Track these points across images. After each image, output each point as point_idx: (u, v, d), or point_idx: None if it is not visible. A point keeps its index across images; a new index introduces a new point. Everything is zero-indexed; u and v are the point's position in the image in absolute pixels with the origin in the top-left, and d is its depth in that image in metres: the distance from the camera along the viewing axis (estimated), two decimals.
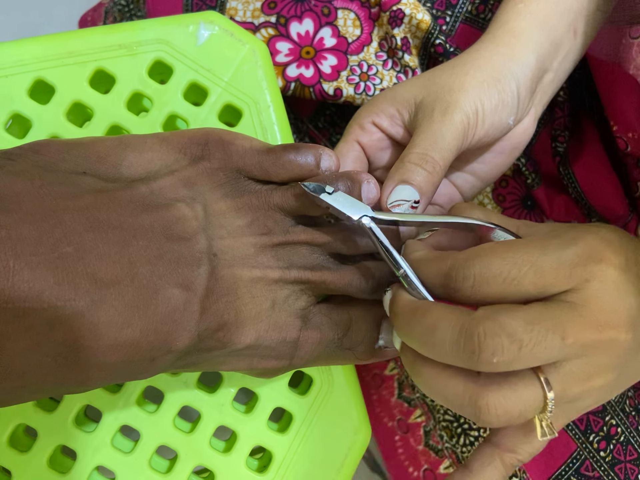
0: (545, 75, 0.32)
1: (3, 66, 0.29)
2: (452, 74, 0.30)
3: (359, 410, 0.31)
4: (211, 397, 0.30)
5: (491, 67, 0.30)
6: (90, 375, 0.22)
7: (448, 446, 0.39)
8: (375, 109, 0.31)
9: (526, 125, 0.32)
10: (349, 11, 0.38)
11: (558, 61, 0.32)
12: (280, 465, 0.30)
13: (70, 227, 0.21)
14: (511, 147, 0.33)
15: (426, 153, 0.27)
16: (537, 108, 0.33)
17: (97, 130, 0.30)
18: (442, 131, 0.28)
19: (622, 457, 0.38)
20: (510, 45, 0.31)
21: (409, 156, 0.27)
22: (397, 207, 0.27)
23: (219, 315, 0.25)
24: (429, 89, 0.30)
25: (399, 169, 0.27)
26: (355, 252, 0.27)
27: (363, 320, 0.28)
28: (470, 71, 0.30)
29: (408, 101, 0.30)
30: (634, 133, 0.34)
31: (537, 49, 0.31)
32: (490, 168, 0.33)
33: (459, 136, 0.28)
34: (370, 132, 0.31)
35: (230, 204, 0.26)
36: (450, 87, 0.29)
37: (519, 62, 0.30)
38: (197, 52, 0.31)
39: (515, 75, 0.30)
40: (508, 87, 0.29)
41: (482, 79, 0.29)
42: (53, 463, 0.29)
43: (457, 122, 0.28)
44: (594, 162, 0.38)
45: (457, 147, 0.28)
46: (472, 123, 0.28)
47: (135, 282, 0.22)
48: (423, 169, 0.27)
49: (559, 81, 0.34)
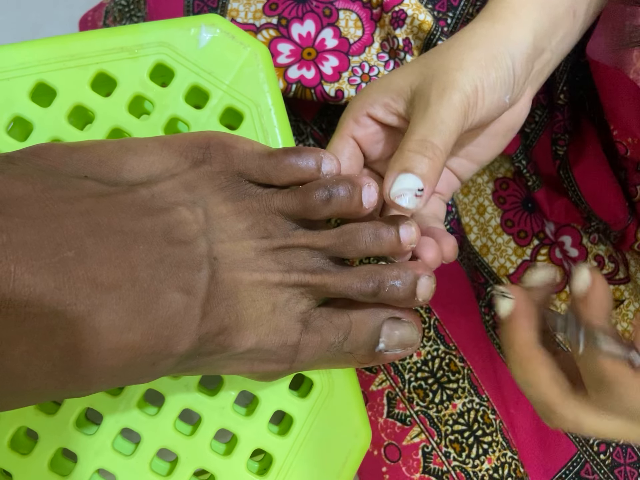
0: (543, 55, 0.31)
1: (4, 69, 0.29)
2: (447, 55, 0.29)
3: (359, 413, 0.31)
4: (212, 400, 0.30)
5: (487, 44, 0.29)
6: (91, 379, 0.22)
7: (456, 464, 0.37)
8: (369, 99, 0.30)
9: (521, 105, 0.32)
10: (350, 12, 0.38)
11: (556, 41, 0.32)
12: (281, 468, 0.30)
13: (71, 231, 0.21)
14: (506, 128, 0.32)
15: (425, 139, 0.26)
16: (533, 88, 0.32)
17: (98, 133, 0.30)
18: (440, 113, 0.27)
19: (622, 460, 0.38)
20: (507, 22, 0.30)
21: (408, 144, 0.26)
22: (400, 197, 0.26)
23: (220, 319, 0.25)
24: (424, 74, 0.29)
25: (399, 159, 0.26)
26: (356, 255, 0.27)
27: (363, 323, 0.28)
28: (467, 50, 0.29)
29: (403, 89, 0.29)
30: (634, 138, 0.34)
31: (535, 26, 0.30)
32: (486, 151, 0.32)
33: (460, 117, 0.27)
34: (365, 125, 0.30)
35: (231, 208, 0.26)
36: (447, 68, 0.28)
37: (516, 39, 0.29)
38: (199, 55, 0.31)
39: (511, 53, 0.29)
40: (504, 63, 0.29)
41: (479, 57, 0.28)
42: (54, 466, 0.29)
43: (456, 103, 0.27)
44: (594, 166, 0.38)
45: (458, 129, 0.27)
46: (473, 102, 0.28)
47: (136, 286, 0.22)
48: (423, 156, 0.26)
49: (555, 62, 0.33)
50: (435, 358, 0.39)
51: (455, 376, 0.38)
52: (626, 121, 0.34)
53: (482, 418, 0.38)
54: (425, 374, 0.38)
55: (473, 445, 0.37)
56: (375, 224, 0.27)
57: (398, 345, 0.28)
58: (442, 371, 0.38)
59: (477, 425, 0.38)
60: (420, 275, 0.27)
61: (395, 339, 0.28)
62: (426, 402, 0.38)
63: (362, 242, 0.26)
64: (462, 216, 0.43)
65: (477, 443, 0.37)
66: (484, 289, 0.42)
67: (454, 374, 0.38)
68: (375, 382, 0.39)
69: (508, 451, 0.37)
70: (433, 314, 0.39)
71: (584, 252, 0.42)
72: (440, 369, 0.38)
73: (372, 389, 0.39)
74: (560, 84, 0.38)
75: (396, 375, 0.38)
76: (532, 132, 0.41)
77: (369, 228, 0.26)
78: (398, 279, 0.27)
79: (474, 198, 0.43)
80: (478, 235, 0.43)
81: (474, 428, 0.38)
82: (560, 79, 0.38)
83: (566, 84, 0.38)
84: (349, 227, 0.27)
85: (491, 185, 0.43)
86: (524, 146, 0.41)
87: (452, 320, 0.39)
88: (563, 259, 0.42)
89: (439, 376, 0.38)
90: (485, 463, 0.37)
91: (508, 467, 0.37)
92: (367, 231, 0.26)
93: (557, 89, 0.38)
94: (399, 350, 0.28)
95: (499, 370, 0.40)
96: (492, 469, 0.37)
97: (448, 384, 0.38)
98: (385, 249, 0.27)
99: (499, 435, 0.38)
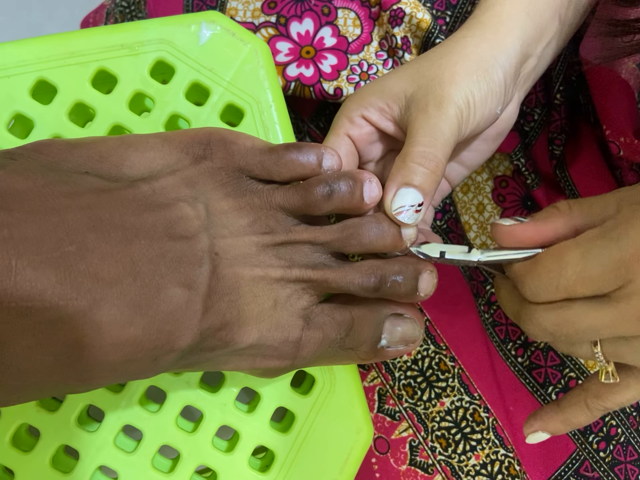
0: (529, 61, 0.32)
1: (5, 66, 0.29)
2: (440, 65, 0.29)
3: (361, 409, 0.31)
4: (213, 396, 0.30)
5: (479, 56, 0.29)
6: (93, 374, 0.22)
7: (441, 458, 0.38)
8: (364, 102, 0.30)
9: (510, 111, 0.32)
10: (349, 11, 0.39)
11: (542, 47, 0.32)
12: (283, 464, 0.30)
13: (73, 226, 0.21)
14: (496, 133, 0.32)
15: (428, 150, 0.27)
16: (520, 93, 0.33)
17: (99, 130, 0.30)
18: (440, 126, 0.27)
19: (623, 458, 0.38)
20: (496, 31, 0.30)
21: (411, 155, 0.27)
22: (401, 214, 0.26)
23: (221, 314, 0.25)
24: (418, 83, 0.29)
25: (401, 170, 0.27)
26: (359, 250, 0.27)
27: (365, 319, 0.28)
28: (459, 62, 0.29)
29: (398, 95, 0.29)
30: (626, 137, 0.34)
31: (522, 34, 0.30)
32: (477, 155, 0.33)
33: (456, 130, 0.28)
34: (359, 125, 0.30)
35: (232, 204, 0.26)
36: (441, 80, 0.28)
37: (505, 50, 0.30)
38: (199, 51, 0.31)
39: (502, 64, 0.29)
40: (496, 76, 0.29)
41: (471, 70, 0.29)
42: (56, 463, 0.29)
43: (452, 116, 0.27)
44: (591, 165, 0.38)
45: (454, 141, 0.28)
46: (465, 116, 0.28)
47: (137, 281, 0.22)
48: (425, 168, 0.26)
49: (542, 67, 0.33)
50: (425, 357, 0.39)
51: (444, 375, 0.39)
52: (618, 120, 0.34)
53: (471, 416, 0.39)
54: (415, 373, 0.39)
55: (460, 441, 0.38)
56: (377, 219, 0.27)
57: (400, 342, 0.28)
58: (431, 370, 0.39)
59: (465, 423, 0.38)
60: (422, 270, 0.27)
61: (397, 335, 0.28)
62: (414, 399, 0.39)
63: (366, 236, 0.26)
64: (461, 214, 0.43)
65: (465, 440, 0.38)
66: (483, 287, 0.42)
67: (443, 373, 0.39)
68: (367, 378, 0.40)
69: (501, 449, 0.38)
70: (424, 315, 0.40)
71: None
72: (430, 368, 0.39)
73: (364, 384, 0.40)
74: (557, 84, 0.38)
75: (387, 372, 0.39)
76: (532, 130, 0.41)
77: (372, 222, 0.27)
78: (400, 274, 0.27)
79: (473, 196, 0.43)
80: (477, 234, 0.43)
81: (461, 425, 0.38)
82: (557, 79, 0.38)
83: (562, 84, 0.38)
84: (352, 221, 0.27)
85: (490, 184, 0.43)
86: (523, 144, 0.41)
87: (445, 320, 0.40)
88: None
89: (428, 375, 0.39)
90: (473, 459, 0.38)
91: (499, 464, 0.38)
92: (370, 225, 0.26)
93: (554, 89, 0.38)
94: (401, 347, 0.28)
95: (497, 368, 0.40)
96: (480, 465, 0.38)
97: (437, 382, 0.39)
98: (389, 243, 0.27)
99: (490, 433, 0.38)
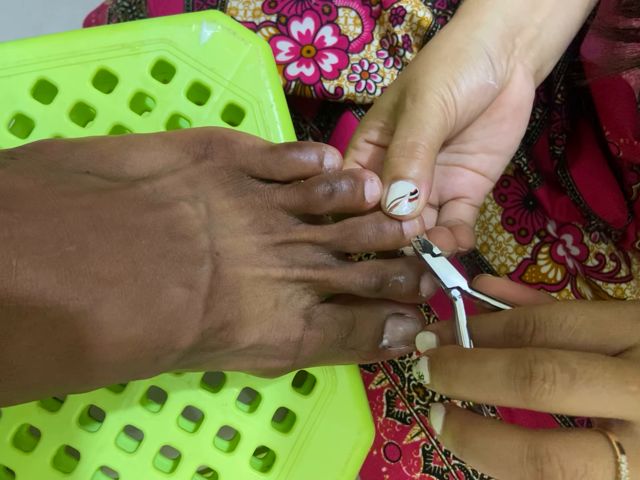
0: (525, 30, 0.31)
1: (6, 66, 0.29)
2: (415, 64, 0.30)
3: (362, 410, 0.31)
4: (215, 397, 0.30)
5: (450, 41, 0.30)
6: (94, 374, 0.22)
7: (456, 463, 0.37)
8: (364, 127, 0.31)
9: (519, 83, 0.31)
10: (349, 9, 0.38)
11: (541, 17, 0.31)
12: (284, 465, 0.30)
13: (73, 226, 0.21)
14: (512, 109, 0.31)
15: (405, 141, 0.27)
16: (526, 64, 0.32)
17: (100, 129, 0.30)
18: (416, 116, 0.27)
19: None
20: (472, 14, 0.31)
21: (390, 151, 0.27)
22: (396, 207, 0.26)
23: (223, 314, 0.25)
24: (399, 89, 0.29)
25: (385, 169, 0.27)
26: (359, 250, 0.27)
27: (367, 319, 0.28)
28: (431, 54, 0.29)
29: (387, 109, 0.30)
30: (626, 138, 0.34)
31: (503, 8, 0.30)
32: (501, 138, 0.32)
33: (438, 114, 0.27)
34: (364, 150, 0.31)
35: (233, 203, 0.26)
36: (416, 77, 0.29)
37: (482, 26, 0.30)
38: (200, 51, 0.31)
39: (479, 39, 0.29)
40: (473, 49, 0.29)
41: (443, 55, 0.29)
42: (57, 463, 0.28)
43: (429, 102, 0.27)
44: (592, 166, 0.38)
45: (440, 125, 0.27)
46: (448, 98, 0.28)
47: (138, 281, 0.22)
48: (406, 157, 0.26)
49: (552, 37, 0.32)
50: None
51: None
52: (618, 121, 0.34)
53: None
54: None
55: None
56: (377, 218, 0.27)
57: (402, 342, 0.28)
58: None
59: None
60: (423, 271, 0.27)
61: (399, 335, 0.28)
62: (426, 400, 0.38)
63: (365, 236, 0.26)
64: None
65: None
66: None
67: None
68: (374, 380, 0.38)
69: None
70: (432, 312, 0.39)
71: (585, 251, 0.42)
72: None
73: (371, 387, 0.38)
74: (558, 83, 0.38)
75: (395, 373, 0.38)
76: (533, 130, 0.41)
77: (372, 222, 0.26)
78: (401, 274, 0.27)
79: None
80: (479, 233, 0.43)
81: None
82: (558, 79, 0.38)
83: (563, 84, 0.38)
84: (352, 221, 0.27)
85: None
86: (525, 144, 0.41)
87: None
88: (566, 256, 0.42)
89: None
90: None
91: None
92: (370, 225, 0.26)
93: (555, 89, 0.38)
94: (402, 347, 0.28)
95: None
96: None
97: None
98: (389, 243, 0.27)
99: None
